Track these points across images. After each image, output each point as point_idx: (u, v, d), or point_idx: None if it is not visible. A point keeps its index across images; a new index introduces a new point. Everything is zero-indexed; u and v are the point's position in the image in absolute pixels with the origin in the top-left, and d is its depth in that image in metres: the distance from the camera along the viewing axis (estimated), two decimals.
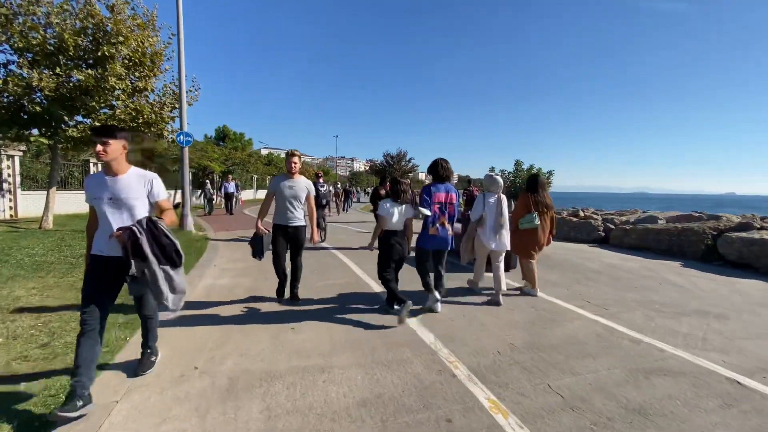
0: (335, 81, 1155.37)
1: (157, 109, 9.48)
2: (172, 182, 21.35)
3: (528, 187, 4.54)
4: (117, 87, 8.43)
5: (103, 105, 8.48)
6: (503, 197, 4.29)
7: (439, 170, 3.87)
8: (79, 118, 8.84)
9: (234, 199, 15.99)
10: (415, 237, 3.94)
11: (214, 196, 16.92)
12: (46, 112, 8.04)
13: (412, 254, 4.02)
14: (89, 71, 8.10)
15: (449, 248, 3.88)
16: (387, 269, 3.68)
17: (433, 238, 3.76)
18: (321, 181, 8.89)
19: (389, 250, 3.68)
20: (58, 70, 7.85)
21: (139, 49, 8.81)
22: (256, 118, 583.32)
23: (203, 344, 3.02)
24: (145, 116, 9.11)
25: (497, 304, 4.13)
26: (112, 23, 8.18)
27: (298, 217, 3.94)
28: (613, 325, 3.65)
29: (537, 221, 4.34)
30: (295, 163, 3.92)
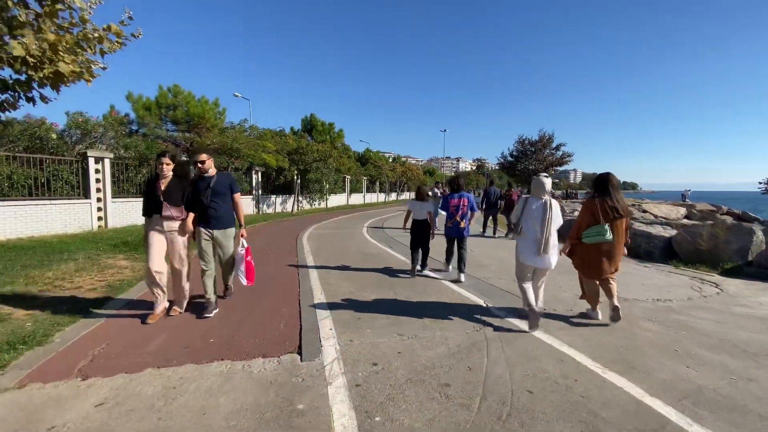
0: (448, 82, 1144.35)
1: None
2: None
3: (596, 190, 3.77)
4: None
5: None
6: (554, 203, 3.66)
7: (453, 185, 5.72)
8: None
9: None
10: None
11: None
12: None
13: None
14: None
15: (464, 235, 5.53)
16: (413, 245, 5.68)
17: (450, 228, 5.60)
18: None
19: (414, 231, 5.68)
20: None
21: None
22: (359, 118, 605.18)
23: None
24: None
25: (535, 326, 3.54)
26: None
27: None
28: None
29: (609, 235, 3.52)
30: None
